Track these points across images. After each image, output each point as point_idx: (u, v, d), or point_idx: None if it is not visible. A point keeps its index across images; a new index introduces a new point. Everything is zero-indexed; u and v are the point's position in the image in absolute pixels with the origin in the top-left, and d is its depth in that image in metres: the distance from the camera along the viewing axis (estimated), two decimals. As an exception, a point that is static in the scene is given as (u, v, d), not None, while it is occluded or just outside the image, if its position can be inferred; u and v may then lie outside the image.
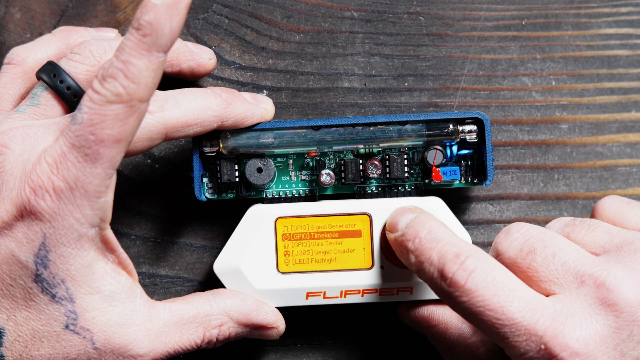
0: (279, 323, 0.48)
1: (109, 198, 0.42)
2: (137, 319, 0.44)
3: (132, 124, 0.40)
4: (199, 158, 0.49)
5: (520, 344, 0.40)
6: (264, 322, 0.47)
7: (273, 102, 0.50)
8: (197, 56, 0.50)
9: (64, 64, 0.46)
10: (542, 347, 0.39)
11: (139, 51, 0.39)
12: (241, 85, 0.52)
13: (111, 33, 0.50)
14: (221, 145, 0.49)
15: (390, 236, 0.46)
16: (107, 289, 0.43)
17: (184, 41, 0.50)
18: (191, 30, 0.53)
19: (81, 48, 0.46)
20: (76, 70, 0.46)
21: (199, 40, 0.52)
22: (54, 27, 0.53)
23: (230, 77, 0.52)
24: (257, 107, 0.48)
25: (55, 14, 0.53)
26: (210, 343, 0.46)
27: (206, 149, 0.49)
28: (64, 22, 0.53)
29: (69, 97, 0.45)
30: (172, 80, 0.51)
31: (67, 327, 0.43)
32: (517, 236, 0.43)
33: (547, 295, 0.41)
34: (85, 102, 0.40)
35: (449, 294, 0.41)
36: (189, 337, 0.45)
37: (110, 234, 0.43)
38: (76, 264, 0.42)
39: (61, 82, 0.45)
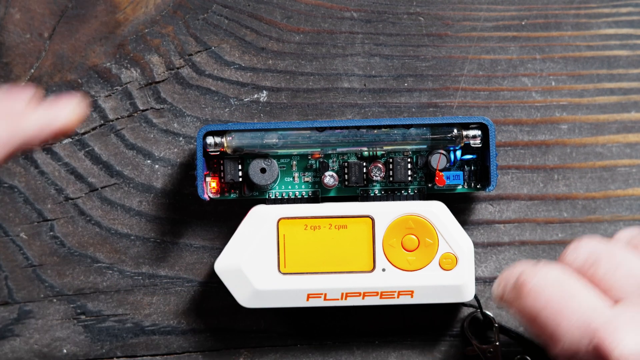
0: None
1: None
2: None
3: None
4: (202, 157, 0.49)
5: (573, 337, 0.40)
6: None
7: (272, 102, 0.49)
8: (54, 122, 0.41)
9: None
10: (594, 341, 0.39)
11: None
12: (241, 86, 0.52)
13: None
14: (225, 145, 0.49)
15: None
16: None
17: (38, 111, 0.41)
18: (191, 31, 0.52)
19: None
20: None
21: (198, 40, 0.52)
22: (54, 28, 0.52)
23: (230, 77, 0.52)
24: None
25: (55, 15, 0.53)
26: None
27: (210, 148, 0.49)
28: (64, 23, 0.52)
29: None
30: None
31: None
32: (584, 249, 0.43)
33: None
34: None
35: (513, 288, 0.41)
36: None
37: None
38: None
39: None
